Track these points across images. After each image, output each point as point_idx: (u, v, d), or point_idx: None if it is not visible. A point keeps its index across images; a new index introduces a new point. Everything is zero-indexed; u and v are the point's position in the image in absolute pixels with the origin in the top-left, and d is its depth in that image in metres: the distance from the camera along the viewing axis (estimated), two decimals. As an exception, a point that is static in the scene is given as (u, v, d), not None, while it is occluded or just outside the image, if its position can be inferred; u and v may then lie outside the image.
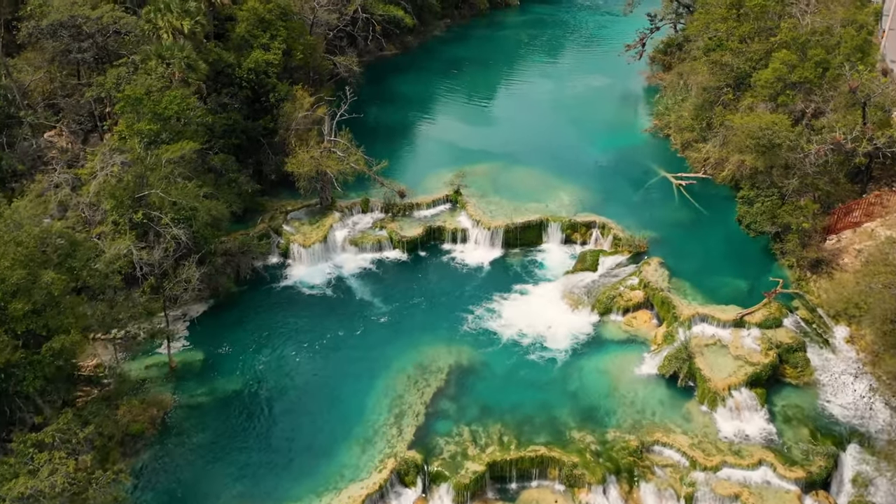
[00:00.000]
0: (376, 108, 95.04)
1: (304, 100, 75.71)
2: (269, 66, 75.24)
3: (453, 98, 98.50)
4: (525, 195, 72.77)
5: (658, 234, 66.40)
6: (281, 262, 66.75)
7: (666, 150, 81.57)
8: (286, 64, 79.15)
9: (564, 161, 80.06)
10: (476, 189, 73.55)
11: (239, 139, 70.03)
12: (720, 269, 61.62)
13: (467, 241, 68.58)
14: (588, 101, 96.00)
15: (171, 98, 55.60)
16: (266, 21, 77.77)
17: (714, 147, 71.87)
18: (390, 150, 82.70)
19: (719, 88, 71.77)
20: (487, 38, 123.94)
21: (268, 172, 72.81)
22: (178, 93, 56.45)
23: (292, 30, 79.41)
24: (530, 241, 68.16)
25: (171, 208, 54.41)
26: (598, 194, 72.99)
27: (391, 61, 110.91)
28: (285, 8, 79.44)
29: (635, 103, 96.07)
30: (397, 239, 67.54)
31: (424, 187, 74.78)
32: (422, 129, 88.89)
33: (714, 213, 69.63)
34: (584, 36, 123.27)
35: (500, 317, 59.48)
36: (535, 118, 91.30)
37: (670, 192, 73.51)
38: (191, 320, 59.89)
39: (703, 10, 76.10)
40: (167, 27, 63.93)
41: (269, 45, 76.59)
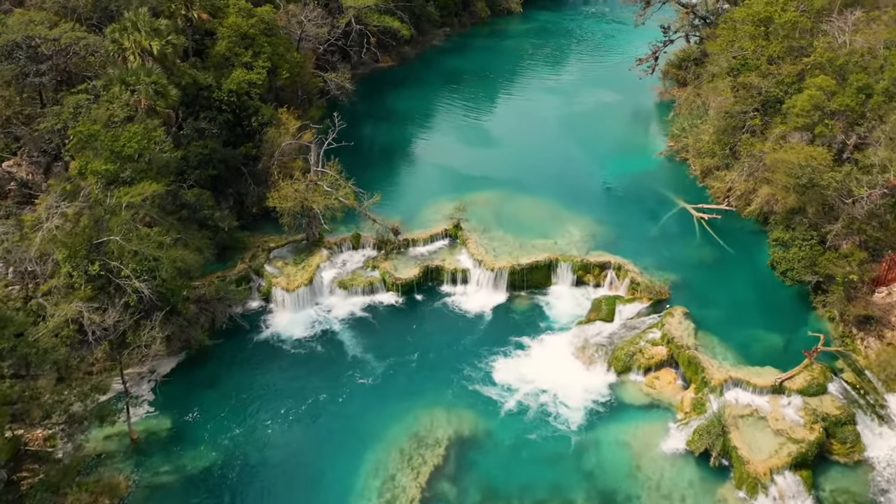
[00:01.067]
0: (370, 127, 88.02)
1: (290, 124, 68.69)
2: (251, 87, 68.31)
3: (453, 115, 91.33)
4: (531, 229, 65.69)
5: (680, 277, 59.32)
6: (262, 308, 59.62)
7: (683, 177, 74.44)
8: (271, 84, 72.12)
9: (573, 188, 72.97)
10: (477, 222, 66.43)
11: (217, 169, 62.89)
12: (751, 321, 54.58)
13: (468, 282, 61.51)
14: (597, 118, 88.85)
15: (131, 134, 48.47)
16: (249, 37, 70.74)
17: (740, 177, 64.77)
18: (384, 176, 75.79)
19: (745, 113, 64.62)
20: (489, 48, 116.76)
21: (249, 205, 65.72)
22: (138, 128, 49.29)
23: (277, 46, 72.34)
24: (538, 282, 61.09)
25: (133, 258, 47.37)
26: (611, 228, 65.88)
27: (387, 74, 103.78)
28: (270, 23, 72.32)
29: (648, 122, 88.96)
30: (391, 281, 60.46)
31: (421, 220, 67.69)
32: (418, 152, 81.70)
33: (741, 251, 62.53)
34: (591, 46, 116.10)
35: (505, 375, 52.44)
36: (540, 138, 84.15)
37: (691, 225, 66.42)
38: (158, 379, 52.79)
39: (725, 25, 68.90)
40: (134, 48, 56.82)
41: (251, 64, 69.63)
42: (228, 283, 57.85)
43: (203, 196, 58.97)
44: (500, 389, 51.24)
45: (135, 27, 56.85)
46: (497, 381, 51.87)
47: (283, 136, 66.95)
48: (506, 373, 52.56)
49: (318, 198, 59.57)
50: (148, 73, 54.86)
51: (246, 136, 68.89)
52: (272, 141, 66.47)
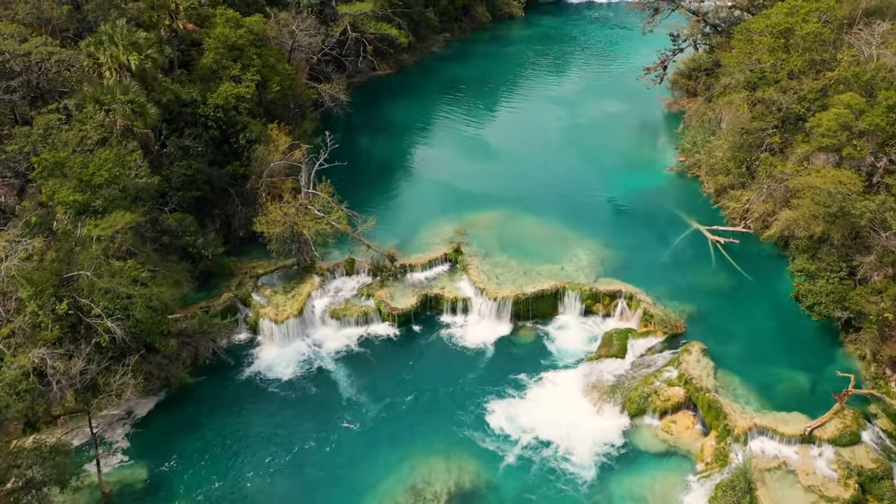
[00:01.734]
0: (366, 140, 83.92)
1: (281, 140, 64.45)
2: (239, 102, 64.16)
3: (452, 126, 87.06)
4: (536, 253, 61.50)
5: (695, 308, 55.11)
6: (249, 340, 55.46)
7: (696, 195, 70.20)
8: (261, 97, 67.90)
9: (580, 208, 68.78)
10: (479, 245, 62.23)
11: (201, 191, 58.70)
12: (774, 357, 50.38)
13: (469, 312, 57.35)
14: (603, 130, 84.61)
15: (102, 161, 44.19)
16: (237, 49, 66.49)
17: (758, 198, 60.53)
18: (380, 194, 71.68)
19: (763, 130, 60.40)
20: (489, 54, 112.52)
21: (237, 227, 61.51)
22: (110, 154, 45.04)
23: (268, 58, 68.05)
24: (544, 312, 56.91)
25: (104, 296, 43.19)
26: (621, 252, 61.67)
27: (384, 82, 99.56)
28: (259, 33, 68.04)
29: (656, 134, 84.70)
30: (387, 311, 56.26)
31: (420, 243, 63.52)
32: (416, 167, 77.43)
33: (759, 278, 58.33)
34: (595, 53, 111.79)
35: (509, 419, 48.24)
36: (544, 151, 79.88)
37: (705, 249, 62.19)
38: (135, 422, 48.61)
39: (741, 36, 64.62)
40: (111, 63, 52.60)
41: (240, 77, 65.42)
42: (213, 315, 53.68)
43: (185, 221, 54.75)
44: (503, 436, 47.05)
45: (111, 41, 52.64)
46: (500, 426, 47.66)
47: (273, 153, 62.72)
48: (510, 416, 48.36)
49: (308, 223, 55.34)
50: (125, 90, 50.60)
51: (234, 153, 64.76)
52: (261, 159, 62.26)
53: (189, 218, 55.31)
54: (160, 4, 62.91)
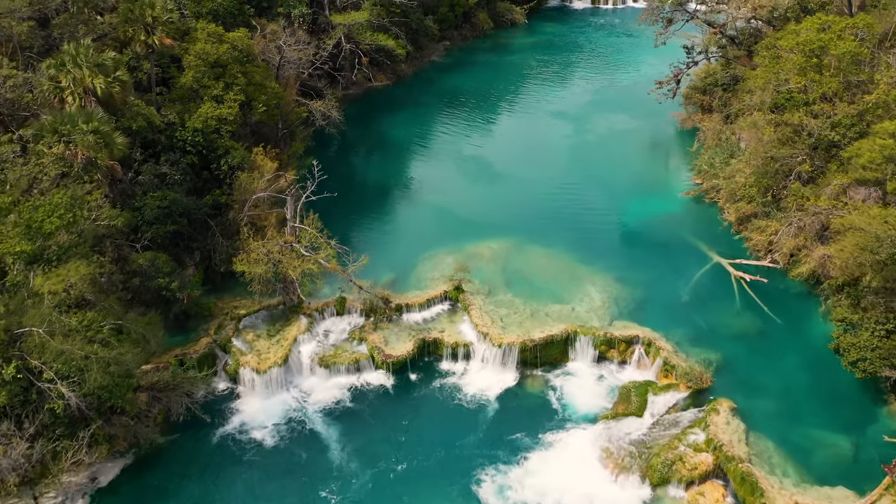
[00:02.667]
0: (360, 159, 78.47)
1: (266, 166, 59.01)
2: (221, 124, 58.62)
3: (452, 144, 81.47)
4: (544, 291, 56.16)
5: (720, 356, 49.76)
6: (229, 391, 50.05)
7: (715, 223, 64.67)
8: (245, 119, 62.37)
9: (590, 236, 63.36)
10: (481, 281, 56.83)
11: (177, 224, 53.25)
12: (811, 417, 45.06)
13: (471, 358, 51.97)
14: (612, 149, 79.08)
15: (52, 207, 38.69)
16: (220, 65, 60.99)
17: (787, 232, 55.07)
18: (374, 220, 66.37)
19: (791, 156, 54.96)
20: (491, 64, 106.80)
21: (218, 262, 56.01)
22: (63, 197, 39.54)
23: (253, 76, 62.58)
24: (553, 358, 51.56)
25: (58, 358, 37.75)
26: (636, 289, 56.31)
27: (381, 95, 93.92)
28: (244, 49, 62.50)
29: (669, 153, 79.14)
30: (380, 359, 50.82)
31: (417, 277, 58.18)
32: (413, 191, 71.83)
33: (789, 321, 52.97)
34: (602, 62, 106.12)
35: (516, 487, 42.83)
36: (550, 173, 74.27)
37: (728, 286, 56.79)
38: (98, 489, 43.17)
39: (767, 53, 59.11)
40: (74, 88, 47.07)
41: (222, 97, 59.93)
42: (188, 366, 48.23)
43: (158, 261, 49.28)
44: (510, 508, 41.68)
45: (74, 62, 47.12)
46: (506, 495, 42.22)
47: (257, 181, 57.27)
48: (517, 482, 43.00)
49: (293, 262, 49.89)
50: (88, 118, 45.09)
51: (215, 180, 59.38)
52: (244, 188, 56.82)
53: (162, 257, 49.85)
54: (134, 18, 57.34)
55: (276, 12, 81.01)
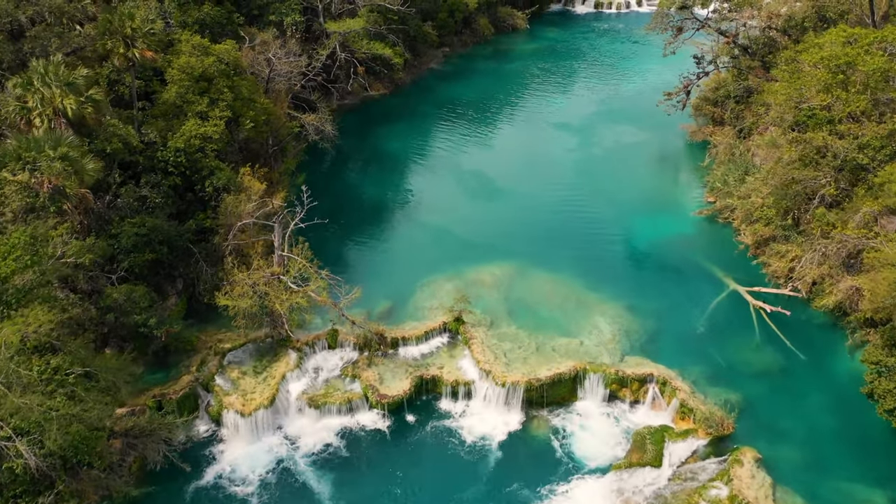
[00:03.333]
0: (355, 174, 74.55)
1: (253, 187, 55.19)
2: (205, 143, 54.79)
3: (451, 158, 77.60)
4: (550, 321, 52.43)
5: (741, 397, 46.00)
6: (211, 435, 46.22)
7: (730, 246, 60.78)
8: (232, 136, 58.51)
9: (598, 260, 59.59)
10: (483, 311, 53.07)
11: (157, 252, 49.40)
12: (841, 468, 41.32)
13: (472, 397, 48.17)
14: (620, 163, 75.25)
15: (8, 248, 34.85)
16: (206, 79, 57.16)
17: (810, 259, 51.26)
18: (368, 243, 62.66)
19: (814, 179, 51.15)
20: (491, 71, 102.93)
21: (202, 291, 52.22)
22: (21, 236, 35.67)
23: (240, 90, 58.77)
24: (561, 397, 47.77)
25: (15, 414, 33.96)
26: (648, 319, 52.54)
27: (378, 105, 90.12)
28: (231, 62, 58.66)
29: (679, 168, 75.23)
30: (375, 399, 47.00)
31: (414, 306, 54.47)
32: (411, 210, 67.84)
33: (814, 356, 49.19)
34: (606, 70, 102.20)
35: (521, 549, 39.10)
36: (554, 190, 70.39)
37: (746, 316, 53.01)
38: (66, 549, 39.31)
39: (787, 68, 55.28)
40: (42, 109, 43.21)
41: (207, 114, 56.09)
42: (167, 410, 44.42)
43: (135, 294, 45.44)
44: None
45: (43, 81, 43.24)
46: (512, 561, 38.52)
47: (244, 204, 53.45)
48: (523, 545, 39.21)
49: (281, 296, 46.06)
50: (56, 142, 41.21)
51: (199, 203, 55.57)
52: (230, 211, 53.00)
53: (140, 290, 46.00)
54: (113, 30, 53.50)
55: (268, 20, 77.18)
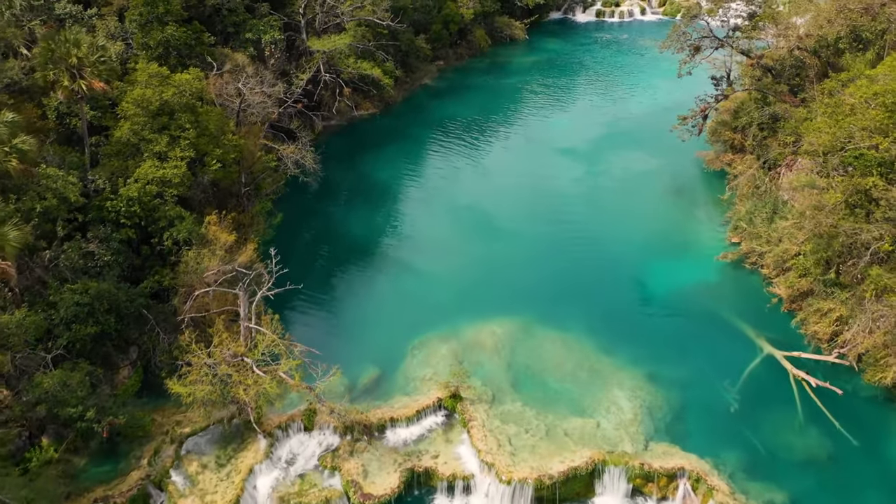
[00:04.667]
0: (339, 209, 67.06)
1: (220, 239, 47.70)
2: (164, 188, 47.32)
3: (445, 189, 70.27)
4: (561, 395, 45.26)
5: (786, 496, 38.82)
6: (164, 544, 38.87)
7: (760, 298, 53.55)
8: (196, 178, 51.01)
9: (611, 314, 52.42)
10: (483, 382, 45.90)
11: (102, 324, 41.92)
12: None
13: (472, 492, 40.89)
14: (631, 195, 67.98)
15: None
16: (166, 113, 49.66)
17: (861, 324, 44.03)
18: (352, 294, 55.27)
19: (865, 231, 43.88)
20: (487, 87, 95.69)
21: (158, 364, 44.80)
22: None
23: (206, 125, 51.19)
24: (575, 493, 40.52)
25: None
26: (672, 391, 45.37)
27: (366, 127, 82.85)
28: (196, 93, 51.13)
29: (697, 201, 67.71)
30: (358, 500, 39.61)
31: (405, 376, 47.26)
32: (401, 254, 60.23)
33: (869, 441, 42.06)
34: (611, 87, 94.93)
35: None
36: (560, 228, 63.05)
37: (786, 388, 45.81)
38: None
39: (829, 102, 47.95)
40: (-46, 163, 35.68)
41: (166, 154, 48.58)
42: (108, 520, 37.06)
43: (71, 382, 37.96)
44: None
45: (-44, 130, 35.72)
46: None
47: (208, 259, 45.98)
48: None
49: (247, 382, 38.60)
50: (-32, 207, 33.75)
51: (158, 256, 48.11)
52: (191, 269, 45.53)
53: (77, 375, 38.53)
54: (56, 60, 45.99)
55: (244, 39, 69.66)
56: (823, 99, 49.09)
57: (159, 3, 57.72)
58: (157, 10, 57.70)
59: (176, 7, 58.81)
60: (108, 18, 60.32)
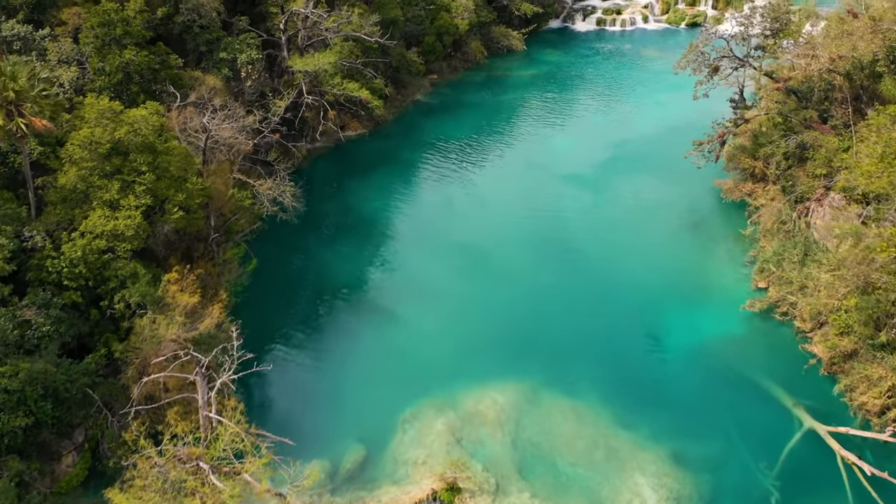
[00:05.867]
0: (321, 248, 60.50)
1: (179, 302, 41.06)
2: (116, 242, 40.73)
3: (438, 223, 63.68)
4: (574, 483, 39.03)
5: None
6: None
7: (795, 356, 47.15)
8: (155, 229, 44.38)
9: (627, 376, 46.19)
10: (484, 467, 39.63)
11: (38, 413, 35.34)
12: None
13: None
14: (643, 230, 61.41)
15: None
16: (119, 154, 43.06)
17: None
18: (333, 355, 48.63)
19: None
20: (483, 104, 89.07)
21: (107, 450, 38.25)
22: None
23: (167, 167, 44.54)
24: None
25: None
26: (702, 478, 39.19)
27: (354, 148, 76.41)
28: (154, 131, 44.44)
29: (716, 237, 61.01)
30: None
31: (394, 458, 41.05)
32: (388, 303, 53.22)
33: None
34: (616, 104, 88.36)
35: None
36: (566, 271, 56.51)
37: (833, 471, 39.48)
38: None
39: (878, 137, 41.57)
40: None
41: (118, 202, 41.96)
42: None
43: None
44: None
45: None
46: None
47: (166, 328, 39.38)
48: None
49: (203, 491, 32.02)
50: None
51: (111, 321, 41.52)
52: (145, 338, 38.95)
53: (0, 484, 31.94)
54: (-11, 95, 39.41)
55: (219, 59, 62.99)
56: (870, 135, 42.66)
57: (117, 23, 51.01)
58: (115, 31, 51.01)
59: (137, 28, 52.15)
60: (61, 40, 53.61)
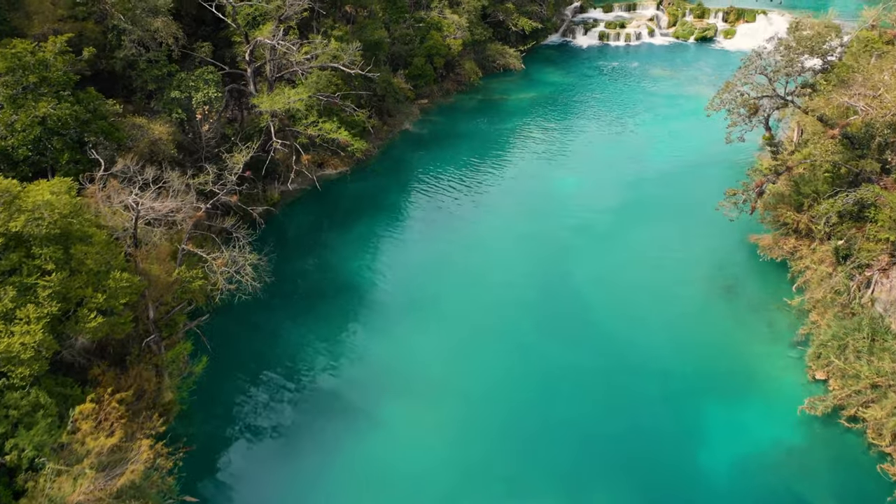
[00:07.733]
0: (291, 324, 50.58)
1: (94, 446, 31.27)
2: (10, 366, 31.04)
3: (425, 290, 53.46)
4: None
5: None
6: None
7: (871, 478, 37.80)
8: (64, 343, 34.53)
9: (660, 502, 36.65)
10: None
11: None
12: None
13: None
14: (669, 299, 51.78)
15: None
16: (17, 248, 33.25)
17: None
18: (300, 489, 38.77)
19: None
20: (479, 134, 79.49)
21: None
22: None
23: (83, 261, 34.67)
24: None
25: None
26: None
27: (333, 190, 66.92)
28: (67, 217, 34.53)
29: (755, 305, 51.23)
30: None
31: None
32: (363, 402, 43.28)
33: None
34: (624, 132, 78.80)
35: None
36: (578, 354, 47.01)
37: None
38: None
39: None
40: None
41: (13, 313, 32.13)
42: None
43: None
44: None
45: None
46: None
47: (72, 486, 29.57)
48: None
49: None
50: None
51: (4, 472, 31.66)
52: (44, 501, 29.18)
53: None
54: None
55: (170, 99, 53.07)
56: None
57: (30, 68, 41.01)
58: (28, 79, 41.04)
59: (57, 74, 42.12)
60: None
